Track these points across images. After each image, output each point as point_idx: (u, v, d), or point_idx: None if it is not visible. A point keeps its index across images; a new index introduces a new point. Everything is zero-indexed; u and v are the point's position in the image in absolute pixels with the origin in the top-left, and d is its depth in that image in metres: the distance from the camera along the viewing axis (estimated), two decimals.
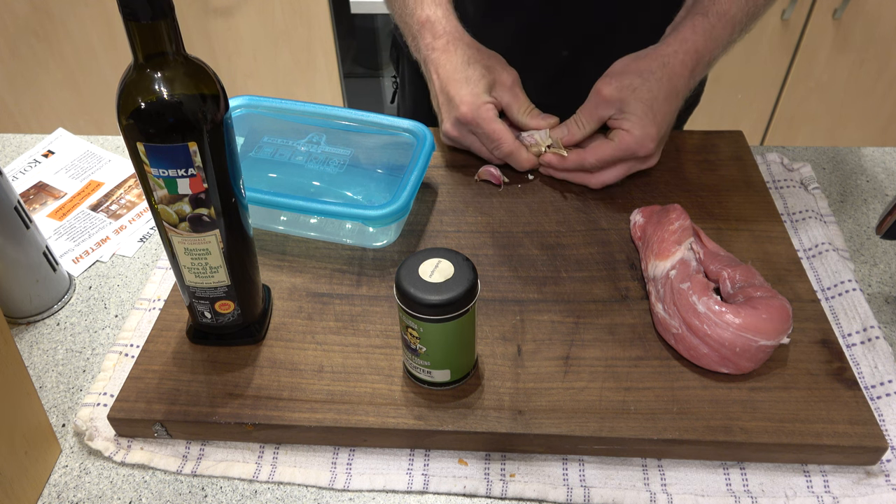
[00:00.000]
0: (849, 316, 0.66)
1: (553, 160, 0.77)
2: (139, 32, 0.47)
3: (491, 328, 0.64)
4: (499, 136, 0.76)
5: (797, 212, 0.77)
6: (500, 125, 0.76)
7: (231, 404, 0.59)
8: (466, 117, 0.75)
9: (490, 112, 0.76)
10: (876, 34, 1.65)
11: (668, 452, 0.57)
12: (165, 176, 0.51)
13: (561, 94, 0.82)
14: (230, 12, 1.72)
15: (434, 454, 0.59)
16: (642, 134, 0.72)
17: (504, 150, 0.77)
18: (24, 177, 0.88)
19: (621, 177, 0.76)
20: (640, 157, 0.75)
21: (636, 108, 0.72)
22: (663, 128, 0.73)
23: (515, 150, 0.77)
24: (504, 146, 0.77)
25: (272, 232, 0.74)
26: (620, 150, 0.73)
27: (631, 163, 0.76)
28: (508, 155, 0.77)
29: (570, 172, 0.78)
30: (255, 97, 0.80)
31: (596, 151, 0.74)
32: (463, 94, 0.75)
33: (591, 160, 0.75)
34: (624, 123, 0.73)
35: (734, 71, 1.73)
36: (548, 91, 0.84)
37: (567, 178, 0.79)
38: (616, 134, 0.74)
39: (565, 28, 0.86)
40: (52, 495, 0.58)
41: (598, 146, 0.75)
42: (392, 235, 0.72)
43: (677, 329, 0.60)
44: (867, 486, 0.56)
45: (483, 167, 0.79)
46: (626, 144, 0.73)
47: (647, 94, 0.72)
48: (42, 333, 0.70)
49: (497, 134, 0.76)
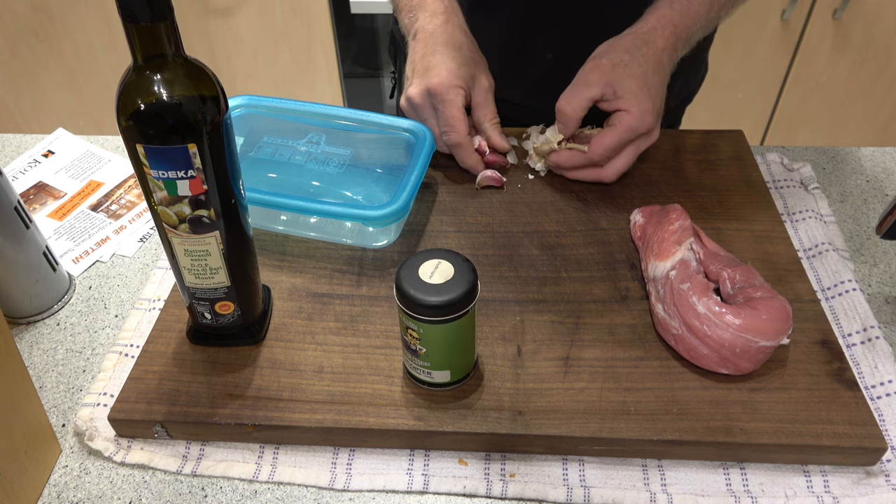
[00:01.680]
0: (849, 316, 0.66)
1: (562, 159, 0.77)
2: (138, 34, 0.47)
3: (491, 328, 0.64)
4: (455, 122, 0.75)
5: (797, 212, 0.77)
6: (462, 114, 0.76)
7: (231, 405, 0.59)
8: (437, 89, 0.75)
9: (460, 97, 0.75)
10: (876, 34, 1.65)
11: (668, 453, 0.57)
12: (165, 177, 0.51)
13: (548, 96, 0.81)
14: (230, 12, 1.72)
15: (434, 454, 0.59)
16: (641, 110, 0.71)
17: (453, 139, 0.76)
18: (24, 177, 0.88)
19: (633, 160, 0.76)
20: (646, 136, 0.74)
21: (630, 84, 0.71)
22: (657, 101, 0.73)
23: (465, 144, 0.76)
24: (454, 135, 0.76)
25: (272, 232, 0.74)
26: (624, 131, 0.72)
27: (637, 142, 0.74)
28: (456, 146, 0.77)
29: (581, 170, 0.77)
30: (254, 97, 0.80)
31: (601, 142, 0.73)
32: (442, 69, 0.75)
33: (598, 152, 0.74)
34: (621, 103, 0.72)
35: (734, 71, 1.73)
36: (535, 93, 0.84)
37: (579, 176, 0.78)
38: (616, 117, 0.73)
39: (552, 29, 0.86)
40: (52, 495, 0.58)
41: (601, 136, 0.74)
42: (392, 235, 0.72)
43: (677, 330, 0.60)
44: (867, 486, 0.56)
45: (481, 174, 0.79)
46: (629, 124, 0.72)
47: (638, 70, 0.72)
48: (42, 333, 0.70)
49: (454, 120, 0.75)
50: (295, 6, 1.70)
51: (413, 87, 0.77)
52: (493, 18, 0.88)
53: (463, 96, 0.76)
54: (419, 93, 0.76)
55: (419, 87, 0.76)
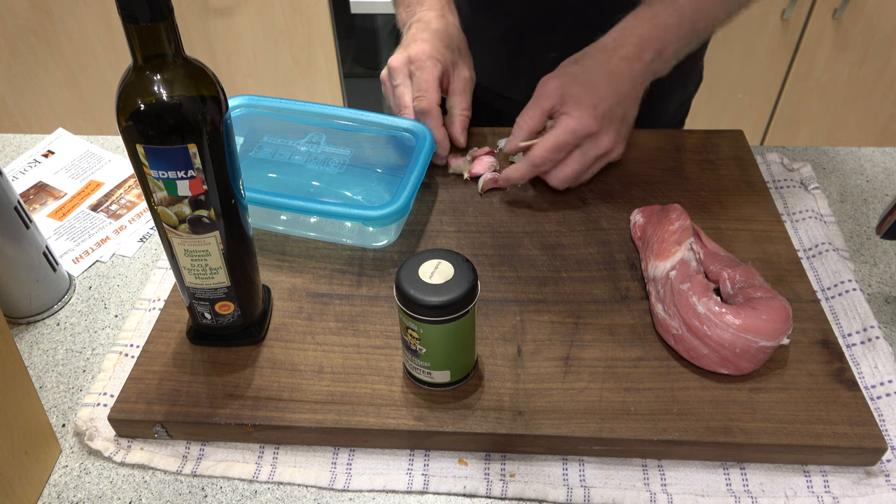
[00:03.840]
0: (849, 316, 0.66)
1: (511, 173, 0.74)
2: (138, 34, 0.47)
3: (491, 329, 0.64)
4: (428, 88, 0.76)
5: (797, 212, 0.77)
6: (436, 84, 0.77)
7: (231, 405, 0.59)
8: (416, 56, 0.76)
9: (437, 67, 0.76)
10: (876, 34, 1.65)
11: (668, 453, 0.57)
12: (165, 178, 0.51)
13: None
14: (230, 12, 1.72)
15: (434, 454, 0.59)
16: (581, 111, 0.71)
17: (423, 105, 0.76)
18: (24, 177, 0.88)
19: (581, 170, 0.74)
20: (592, 141, 0.72)
21: (574, 90, 0.72)
22: (604, 105, 0.71)
23: (434, 113, 0.76)
24: (424, 101, 0.76)
25: (272, 232, 0.74)
26: (562, 132, 0.71)
27: (584, 147, 0.73)
28: (425, 113, 0.76)
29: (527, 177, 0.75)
30: (254, 97, 0.80)
31: (541, 145, 0.73)
32: (426, 44, 0.77)
33: (538, 153, 0.72)
34: (564, 108, 0.72)
35: (734, 71, 1.73)
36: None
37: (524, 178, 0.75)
38: (557, 120, 0.73)
39: (555, 28, 0.86)
40: (52, 495, 0.58)
41: (542, 140, 0.73)
42: (392, 235, 0.72)
43: (677, 330, 0.60)
44: (867, 486, 0.56)
45: (484, 177, 0.78)
46: (567, 125, 0.71)
47: (585, 76, 0.72)
48: (42, 333, 0.70)
49: (427, 85, 0.76)
50: (295, 6, 1.70)
51: (394, 57, 0.79)
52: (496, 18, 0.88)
53: (440, 70, 0.77)
54: (399, 59, 0.78)
55: (400, 55, 0.78)
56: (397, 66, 0.78)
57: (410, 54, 0.77)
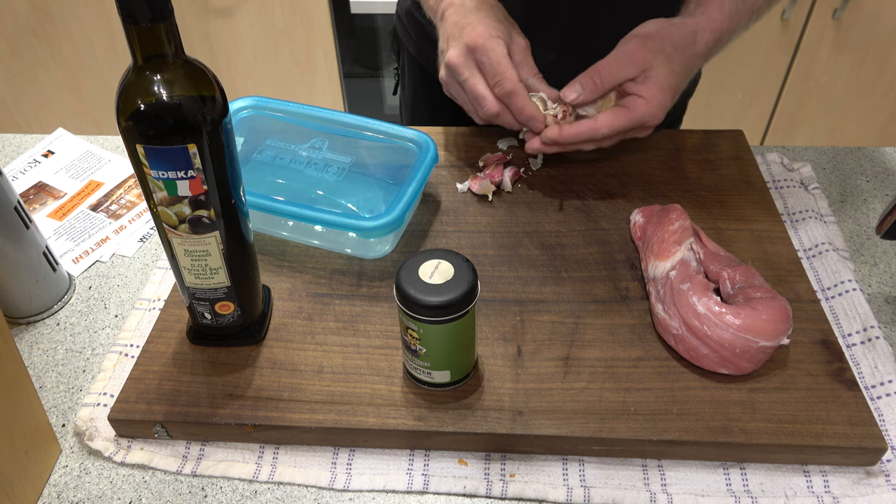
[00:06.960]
0: (849, 316, 0.66)
1: (554, 133, 0.71)
2: (138, 34, 0.47)
3: (491, 329, 0.64)
4: (504, 69, 0.69)
5: (797, 212, 0.77)
6: (509, 61, 0.70)
7: (231, 405, 0.59)
8: (476, 42, 0.69)
9: (501, 46, 0.70)
10: (876, 34, 1.65)
11: (668, 453, 0.57)
12: (165, 178, 0.51)
13: None
14: (230, 12, 1.72)
15: (434, 454, 0.59)
16: (658, 105, 0.68)
17: (507, 87, 0.69)
18: (24, 177, 0.88)
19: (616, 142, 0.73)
20: (645, 129, 0.71)
21: (660, 75, 0.68)
22: (675, 96, 0.71)
23: (519, 90, 0.70)
24: (507, 83, 0.69)
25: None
26: (637, 118, 0.69)
27: (634, 132, 0.72)
28: (510, 94, 0.69)
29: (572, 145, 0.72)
30: (262, 98, 0.79)
31: (609, 121, 0.69)
32: (478, 26, 0.70)
33: (604, 131, 0.69)
34: (643, 90, 0.68)
35: (734, 71, 1.73)
36: None
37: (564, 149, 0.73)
38: (632, 101, 0.69)
39: (553, 30, 0.86)
40: (52, 495, 0.58)
41: (613, 116, 0.69)
42: (389, 246, 0.71)
43: (677, 330, 0.61)
44: (867, 486, 0.56)
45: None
46: (641, 115, 0.69)
47: (677, 67, 0.69)
48: (42, 333, 0.70)
49: (503, 66, 0.69)
50: (295, 6, 1.70)
51: (450, 51, 0.71)
52: None
53: (504, 46, 0.70)
54: (458, 53, 0.71)
55: (457, 47, 0.71)
56: (459, 61, 0.71)
57: (468, 42, 0.70)
